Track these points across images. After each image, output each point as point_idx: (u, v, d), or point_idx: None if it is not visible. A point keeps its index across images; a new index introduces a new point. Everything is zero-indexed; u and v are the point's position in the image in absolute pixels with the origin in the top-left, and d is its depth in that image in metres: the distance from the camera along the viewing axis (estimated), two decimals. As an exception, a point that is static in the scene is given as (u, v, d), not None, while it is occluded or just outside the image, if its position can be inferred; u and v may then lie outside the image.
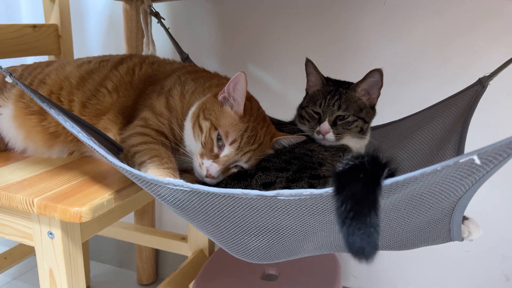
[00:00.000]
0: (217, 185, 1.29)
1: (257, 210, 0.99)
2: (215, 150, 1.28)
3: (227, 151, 1.28)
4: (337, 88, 1.56)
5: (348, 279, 2.48)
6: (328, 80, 1.61)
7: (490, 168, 0.89)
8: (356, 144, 1.56)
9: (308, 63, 1.60)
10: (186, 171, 1.37)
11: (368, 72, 1.50)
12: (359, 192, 0.87)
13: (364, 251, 0.83)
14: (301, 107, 1.63)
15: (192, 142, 1.32)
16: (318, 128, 1.50)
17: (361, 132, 1.54)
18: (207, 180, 1.28)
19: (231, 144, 1.28)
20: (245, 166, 1.33)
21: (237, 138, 1.29)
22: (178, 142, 1.36)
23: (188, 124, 1.35)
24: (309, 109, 1.56)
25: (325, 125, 1.50)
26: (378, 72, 1.49)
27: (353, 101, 1.53)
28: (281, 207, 0.96)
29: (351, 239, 0.84)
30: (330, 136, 1.49)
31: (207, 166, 1.26)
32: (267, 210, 0.98)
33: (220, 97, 1.33)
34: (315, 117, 1.54)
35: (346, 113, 1.51)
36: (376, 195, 0.86)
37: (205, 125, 1.29)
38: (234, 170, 1.32)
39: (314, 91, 1.60)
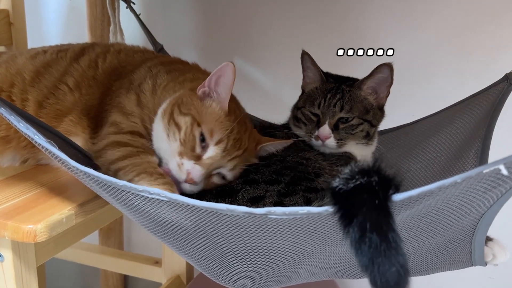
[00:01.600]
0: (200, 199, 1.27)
1: (245, 230, 0.98)
2: (198, 150, 1.25)
3: (211, 152, 1.25)
4: (339, 85, 1.54)
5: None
6: (328, 76, 1.60)
7: (519, 179, 0.88)
8: (361, 151, 1.55)
9: (305, 56, 1.59)
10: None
11: (376, 67, 1.49)
12: (372, 218, 0.86)
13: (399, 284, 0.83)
14: (297, 108, 1.61)
15: (163, 145, 1.29)
16: (316, 133, 1.49)
17: (367, 137, 1.54)
18: (186, 186, 1.24)
19: (216, 144, 1.25)
20: (229, 175, 1.31)
21: (224, 138, 1.26)
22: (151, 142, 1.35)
23: (158, 124, 1.31)
24: (306, 110, 1.55)
25: (325, 129, 1.48)
26: (388, 66, 1.48)
27: (358, 101, 1.52)
28: (272, 227, 0.96)
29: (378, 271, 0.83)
30: (331, 142, 1.48)
31: (188, 169, 1.22)
32: (256, 230, 0.98)
33: (199, 92, 1.31)
34: (313, 120, 1.53)
35: (350, 115, 1.50)
36: (391, 216, 0.85)
37: (185, 120, 1.26)
38: (216, 179, 1.30)
39: (312, 89, 1.59)
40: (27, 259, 1.23)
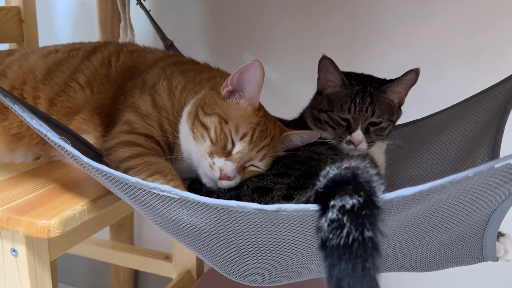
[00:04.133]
0: (209, 195, 1.28)
1: (255, 225, 0.99)
2: (229, 147, 1.27)
3: (239, 147, 1.27)
4: (363, 87, 1.53)
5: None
6: (348, 78, 1.57)
7: (530, 174, 0.88)
8: (379, 148, 1.57)
9: (325, 61, 1.54)
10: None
11: (405, 73, 1.50)
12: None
13: None
14: (318, 110, 1.58)
15: (191, 146, 1.30)
16: (348, 138, 1.48)
17: (387, 135, 1.56)
18: (223, 183, 1.26)
19: (241, 138, 1.27)
20: (261, 165, 1.32)
21: (248, 131, 1.28)
22: (172, 146, 1.36)
23: (184, 127, 1.33)
24: (334, 115, 1.52)
25: (359, 135, 1.48)
26: (415, 72, 1.49)
27: (386, 103, 1.52)
28: (283, 222, 0.96)
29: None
30: (363, 146, 1.48)
31: (221, 166, 1.23)
32: (267, 226, 0.98)
33: (223, 91, 1.32)
34: (342, 124, 1.52)
35: (380, 119, 1.51)
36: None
37: (211, 120, 1.28)
38: (252, 169, 1.32)
39: (335, 92, 1.56)
40: (41, 254, 1.23)
